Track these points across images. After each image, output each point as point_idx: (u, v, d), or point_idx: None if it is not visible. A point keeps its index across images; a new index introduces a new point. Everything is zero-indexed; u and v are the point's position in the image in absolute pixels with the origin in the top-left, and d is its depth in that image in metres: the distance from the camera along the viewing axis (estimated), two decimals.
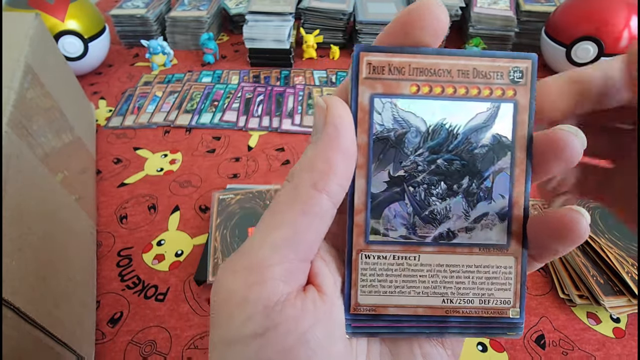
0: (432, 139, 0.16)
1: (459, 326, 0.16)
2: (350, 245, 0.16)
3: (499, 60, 0.16)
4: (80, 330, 0.33)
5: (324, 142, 0.14)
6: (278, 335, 0.13)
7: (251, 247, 0.14)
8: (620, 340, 0.37)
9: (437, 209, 0.16)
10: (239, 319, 0.13)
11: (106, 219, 0.48)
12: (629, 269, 0.38)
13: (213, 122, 0.63)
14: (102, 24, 0.71)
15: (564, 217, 0.14)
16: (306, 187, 0.14)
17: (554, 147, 0.14)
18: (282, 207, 0.14)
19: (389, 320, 0.16)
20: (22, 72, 0.36)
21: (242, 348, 0.13)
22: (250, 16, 0.74)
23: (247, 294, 0.13)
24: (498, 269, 0.16)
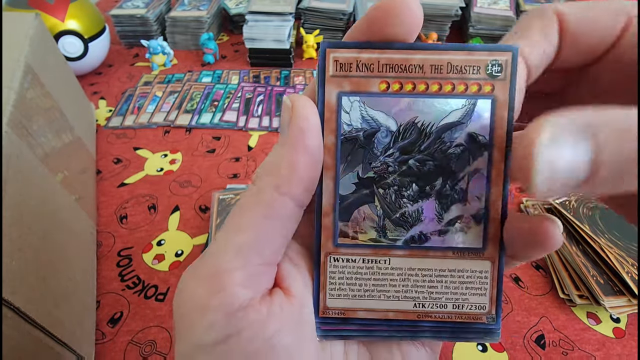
0: (403, 138, 0.15)
1: (431, 330, 0.16)
2: (318, 247, 0.16)
3: (477, 54, 0.14)
4: (80, 330, 0.33)
5: (288, 145, 0.14)
6: (241, 341, 0.13)
7: (213, 253, 0.13)
8: (620, 340, 0.37)
9: (409, 211, 0.15)
10: (200, 327, 0.12)
11: (106, 219, 0.48)
12: (629, 269, 0.38)
13: (213, 122, 0.63)
14: (102, 24, 0.71)
15: (539, 227, 0.14)
16: (269, 190, 0.13)
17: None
18: (245, 211, 0.14)
19: (359, 324, 0.16)
20: (22, 72, 0.36)
21: (205, 356, 0.12)
22: (250, 16, 0.74)
23: (208, 301, 0.13)
24: (473, 274, 0.16)
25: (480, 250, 0.16)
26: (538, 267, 0.43)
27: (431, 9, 0.78)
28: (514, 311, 0.39)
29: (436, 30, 0.80)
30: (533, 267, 0.43)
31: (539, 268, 0.43)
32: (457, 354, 0.36)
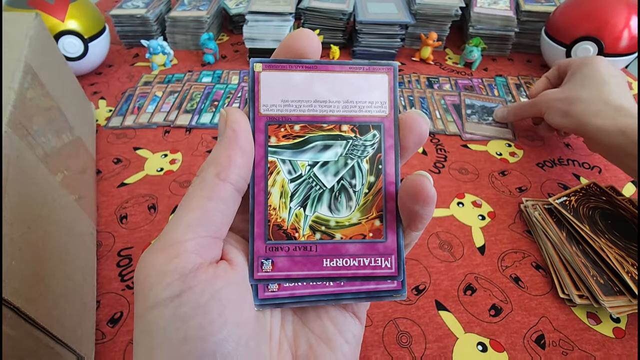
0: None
1: (351, 297, 0.19)
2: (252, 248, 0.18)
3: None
4: (80, 330, 0.33)
5: (225, 142, 0.17)
6: (193, 294, 0.15)
7: (168, 230, 0.16)
8: (620, 340, 0.37)
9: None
10: (158, 287, 0.15)
11: (106, 219, 0.48)
12: (629, 269, 0.38)
13: (213, 122, 0.63)
14: (102, 24, 0.71)
15: (414, 181, 0.17)
16: (211, 177, 0.17)
17: (411, 128, 0.19)
18: (192, 195, 0.17)
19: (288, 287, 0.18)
20: (22, 72, 0.36)
21: (162, 309, 0.15)
22: (250, 16, 0.74)
23: (165, 267, 0.15)
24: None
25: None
26: (538, 267, 0.43)
27: (431, 9, 0.78)
28: (514, 311, 0.39)
29: (436, 30, 0.80)
30: (533, 267, 0.43)
31: (539, 268, 0.43)
32: (457, 353, 0.36)
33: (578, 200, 0.45)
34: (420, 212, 0.17)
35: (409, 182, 0.17)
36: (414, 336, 0.37)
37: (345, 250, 0.18)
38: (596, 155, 0.58)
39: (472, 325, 0.38)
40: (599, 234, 0.41)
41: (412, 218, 0.18)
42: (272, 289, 0.18)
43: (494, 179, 0.54)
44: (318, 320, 0.20)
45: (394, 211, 0.18)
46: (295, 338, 0.19)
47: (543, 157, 0.58)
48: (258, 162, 0.18)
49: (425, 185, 0.16)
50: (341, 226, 0.18)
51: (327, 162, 0.18)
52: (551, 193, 0.52)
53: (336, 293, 0.18)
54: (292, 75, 0.18)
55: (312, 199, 0.18)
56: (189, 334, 0.15)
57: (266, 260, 0.18)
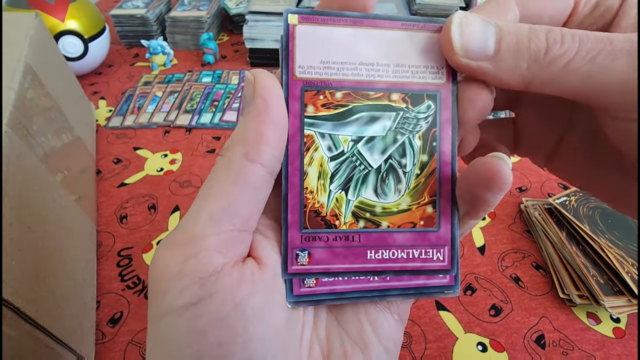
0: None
1: (398, 293, 0.16)
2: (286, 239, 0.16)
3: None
4: (80, 330, 0.33)
5: (254, 114, 0.14)
6: (212, 304, 0.13)
7: (187, 221, 0.14)
8: (620, 340, 0.37)
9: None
10: (174, 291, 0.13)
11: (106, 219, 0.48)
12: (629, 269, 0.38)
13: (213, 122, 0.63)
14: (102, 24, 0.71)
15: (488, 164, 0.14)
16: (238, 158, 0.14)
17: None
18: (216, 180, 0.14)
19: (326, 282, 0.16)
20: (22, 72, 0.36)
21: (175, 319, 0.13)
22: (250, 16, 0.74)
23: (182, 267, 0.13)
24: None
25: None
26: (538, 267, 0.43)
27: (431, 8, 0.78)
28: (514, 311, 0.39)
29: None
30: (533, 267, 0.43)
31: (539, 268, 0.43)
32: (457, 353, 0.36)
33: (578, 200, 0.45)
34: (489, 199, 0.15)
35: (481, 163, 0.14)
36: (414, 336, 0.37)
37: (392, 240, 0.16)
38: None
39: (472, 325, 0.38)
40: (599, 234, 0.41)
41: (476, 204, 0.15)
42: (309, 284, 0.16)
43: None
44: (356, 322, 0.17)
45: (449, 196, 0.16)
46: (329, 340, 0.17)
47: None
48: (292, 136, 0.15)
49: (503, 169, 0.14)
50: (388, 213, 0.16)
51: (374, 138, 0.15)
52: (551, 193, 0.52)
53: (381, 289, 0.16)
54: (334, 31, 0.15)
55: (355, 180, 0.15)
56: (204, 352, 0.13)
57: (302, 252, 0.15)
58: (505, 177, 0.14)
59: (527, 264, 0.43)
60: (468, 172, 0.15)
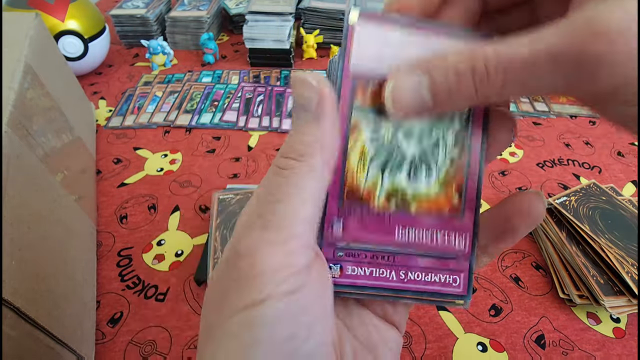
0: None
1: (412, 295, 0.18)
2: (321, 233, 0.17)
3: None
4: (80, 330, 0.33)
5: (327, 121, 0.15)
6: (306, 292, 0.14)
7: (280, 220, 0.15)
8: (620, 340, 0.37)
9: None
10: (276, 281, 0.14)
11: (106, 219, 0.48)
12: (629, 269, 0.38)
13: (213, 122, 0.63)
14: (102, 24, 0.71)
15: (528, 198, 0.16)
16: (320, 165, 0.15)
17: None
18: (304, 185, 0.15)
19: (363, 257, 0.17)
20: (22, 72, 0.36)
21: (275, 303, 0.14)
22: (250, 16, 0.74)
23: (282, 260, 0.14)
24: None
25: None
26: (538, 267, 0.43)
27: None
28: (514, 311, 0.39)
29: None
30: (533, 267, 0.43)
31: (539, 268, 0.43)
32: (457, 353, 0.36)
33: (578, 200, 0.45)
34: (521, 229, 0.17)
35: (522, 196, 0.16)
36: (414, 336, 0.37)
37: (419, 223, 0.17)
38: (596, 155, 0.58)
39: (472, 325, 0.38)
40: (599, 234, 0.41)
41: (508, 232, 0.17)
42: (334, 275, 0.17)
43: (494, 179, 0.54)
44: (363, 327, 0.19)
45: (474, 190, 0.17)
46: (340, 344, 0.18)
47: (543, 157, 0.58)
48: (342, 120, 0.17)
49: (540, 205, 0.16)
50: (418, 198, 0.17)
51: (411, 129, 0.17)
52: (551, 193, 0.52)
53: (397, 289, 0.18)
54: (388, 33, 0.17)
55: (391, 164, 0.17)
56: (295, 333, 0.14)
57: (338, 222, 0.17)
58: (540, 212, 0.16)
59: (527, 264, 0.43)
60: (507, 203, 0.17)
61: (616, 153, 0.59)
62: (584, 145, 0.60)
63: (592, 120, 0.65)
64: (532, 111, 0.67)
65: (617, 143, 0.61)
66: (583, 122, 0.65)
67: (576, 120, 0.65)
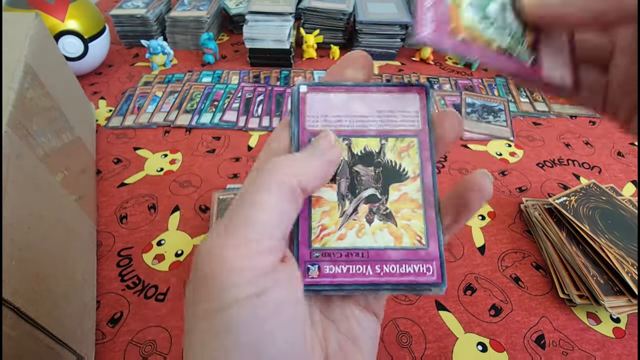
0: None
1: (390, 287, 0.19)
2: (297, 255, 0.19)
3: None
4: (80, 330, 0.33)
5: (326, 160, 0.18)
6: (272, 296, 0.15)
7: (240, 225, 0.16)
8: (620, 340, 0.37)
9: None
10: (240, 283, 0.14)
11: (106, 219, 0.48)
12: (629, 269, 0.38)
13: (213, 122, 0.63)
14: (102, 24, 0.71)
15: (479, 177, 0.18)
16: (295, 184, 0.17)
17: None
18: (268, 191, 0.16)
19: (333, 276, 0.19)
20: (22, 72, 0.36)
21: (239, 309, 0.14)
22: (250, 16, 0.74)
23: (243, 263, 0.15)
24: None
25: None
26: (538, 267, 0.43)
27: None
28: (514, 311, 0.39)
29: None
30: (533, 267, 0.43)
31: (539, 268, 0.43)
32: (457, 353, 0.36)
33: (578, 200, 0.45)
34: (475, 204, 0.18)
35: (474, 176, 0.18)
36: (414, 336, 0.37)
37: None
38: (596, 155, 0.58)
39: (472, 325, 0.38)
40: (599, 234, 0.41)
41: (463, 209, 0.19)
42: (313, 275, 0.19)
43: (494, 179, 0.54)
44: (344, 320, 0.20)
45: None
46: (325, 338, 0.19)
47: (543, 157, 0.58)
48: None
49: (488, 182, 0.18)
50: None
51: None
52: (551, 193, 0.52)
53: (375, 283, 0.19)
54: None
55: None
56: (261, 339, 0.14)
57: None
58: (488, 188, 0.18)
59: (527, 264, 0.43)
60: (461, 184, 0.19)
61: (616, 153, 0.59)
62: (584, 145, 0.60)
63: (592, 120, 0.65)
64: (532, 111, 0.67)
65: (617, 143, 0.61)
66: (583, 122, 0.65)
67: (576, 120, 0.65)
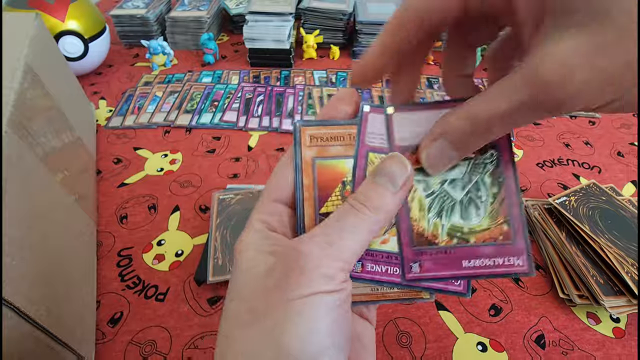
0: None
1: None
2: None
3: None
4: (80, 330, 0.33)
5: (400, 199, 0.20)
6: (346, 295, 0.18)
7: (334, 242, 0.18)
8: (620, 340, 0.37)
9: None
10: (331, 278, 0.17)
11: (106, 219, 0.48)
12: (629, 269, 0.38)
13: (213, 122, 0.63)
14: (103, 24, 0.72)
15: None
16: (381, 224, 0.19)
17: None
18: (364, 228, 0.19)
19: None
20: (23, 72, 0.36)
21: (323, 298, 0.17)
22: (250, 16, 0.74)
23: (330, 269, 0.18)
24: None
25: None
26: (538, 267, 0.43)
27: None
28: (514, 311, 0.39)
29: None
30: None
31: (539, 268, 0.43)
32: (457, 353, 0.36)
33: (578, 200, 0.45)
34: None
35: None
36: (414, 336, 0.37)
37: (480, 252, 0.20)
38: (596, 155, 0.58)
39: (472, 325, 0.38)
40: (599, 234, 0.41)
41: None
42: (357, 270, 0.21)
43: None
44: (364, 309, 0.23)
45: (518, 217, 0.20)
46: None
47: (543, 157, 0.58)
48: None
49: None
50: (473, 232, 0.20)
51: (455, 179, 0.21)
52: (551, 193, 0.52)
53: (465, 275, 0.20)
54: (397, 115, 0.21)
55: (445, 210, 0.21)
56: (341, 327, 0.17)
57: (414, 263, 0.20)
58: None
59: None
60: None
61: (616, 153, 0.59)
62: (584, 145, 0.60)
63: (591, 120, 0.65)
64: None
65: (617, 143, 0.61)
66: (583, 122, 0.65)
67: (576, 121, 0.65)
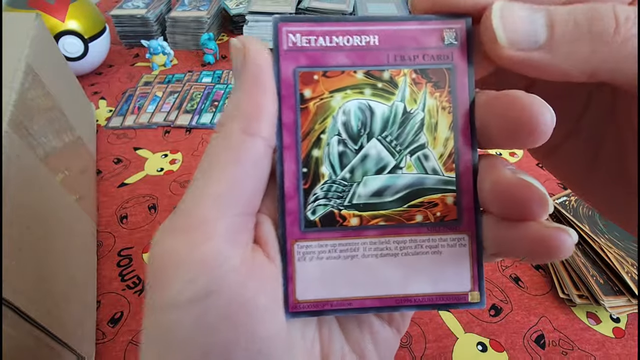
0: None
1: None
2: (283, 235, 0.14)
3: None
4: (80, 330, 0.33)
5: (249, 83, 0.13)
6: (221, 299, 0.12)
7: (189, 204, 0.13)
8: (620, 340, 0.37)
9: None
10: (179, 282, 0.11)
11: (106, 219, 0.48)
12: (629, 269, 0.38)
13: (213, 123, 0.63)
14: (103, 24, 0.72)
15: (551, 236, 0.13)
16: (236, 133, 0.13)
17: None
18: (215, 159, 0.13)
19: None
20: (23, 72, 0.36)
21: (181, 314, 0.12)
22: (251, 16, 0.74)
23: (189, 255, 0.12)
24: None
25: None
26: (538, 267, 0.43)
27: None
28: (514, 311, 0.39)
29: None
30: (533, 267, 0.43)
31: (539, 268, 0.43)
32: (457, 353, 0.36)
33: (578, 201, 0.45)
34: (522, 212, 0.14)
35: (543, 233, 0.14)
36: (414, 336, 0.37)
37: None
38: None
39: (472, 325, 0.38)
40: (598, 234, 0.41)
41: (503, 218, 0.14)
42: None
43: None
44: (357, 330, 0.17)
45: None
46: (330, 343, 0.16)
47: None
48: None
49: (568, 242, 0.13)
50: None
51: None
52: (551, 193, 0.52)
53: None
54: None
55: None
56: (210, 351, 0.12)
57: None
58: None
59: (526, 264, 0.43)
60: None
61: None
62: None
63: None
64: None
65: None
66: None
67: None
